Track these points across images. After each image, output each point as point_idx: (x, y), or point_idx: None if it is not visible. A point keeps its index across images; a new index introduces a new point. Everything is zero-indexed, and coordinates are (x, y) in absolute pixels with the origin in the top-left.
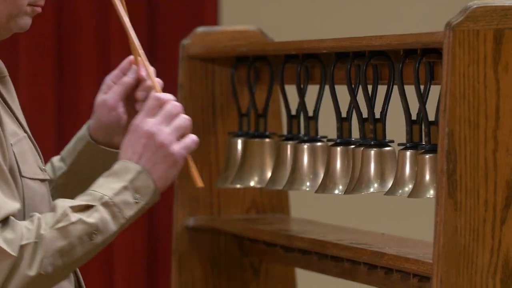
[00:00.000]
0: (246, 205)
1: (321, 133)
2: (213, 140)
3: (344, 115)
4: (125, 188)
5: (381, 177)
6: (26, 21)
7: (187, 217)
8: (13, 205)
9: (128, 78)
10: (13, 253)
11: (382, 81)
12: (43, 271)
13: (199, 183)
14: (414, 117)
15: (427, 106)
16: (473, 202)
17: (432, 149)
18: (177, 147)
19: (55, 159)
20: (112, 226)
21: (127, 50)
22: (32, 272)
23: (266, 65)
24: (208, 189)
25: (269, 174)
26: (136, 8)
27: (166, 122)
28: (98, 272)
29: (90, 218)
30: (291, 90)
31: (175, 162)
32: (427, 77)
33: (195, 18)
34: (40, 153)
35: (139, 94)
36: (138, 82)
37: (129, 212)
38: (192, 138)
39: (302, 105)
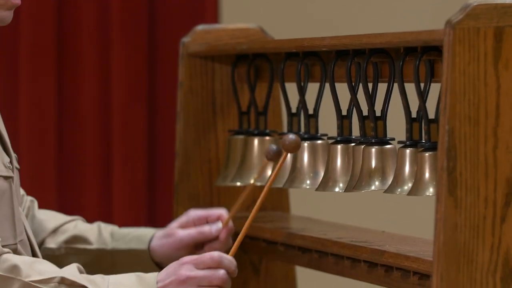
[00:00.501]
0: (246, 202)
1: (321, 131)
2: (213, 138)
3: (344, 113)
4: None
5: (382, 174)
6: (4, 14)
7: None
8: None
9: (210, 232)
10: None
11: (382, 79)
12: None
13: None
14: (414, 115)
15: (427, 104)
16: (473, 199)
17: (432, 147)
18: None
19: (105, 230)
20: None
21: (128, 49)
22: None
23: (266, 63)
24: (208, 187)
25: (269, 172)
26: (137, 6)
27: (201, 283)
28: None
29: None
30: (292, 88)
31: None
32: (427, 74)
33: (195, 16)
34: (11, 150)
35: (208, 248)
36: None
37: None
38: None
39: (302, 103)
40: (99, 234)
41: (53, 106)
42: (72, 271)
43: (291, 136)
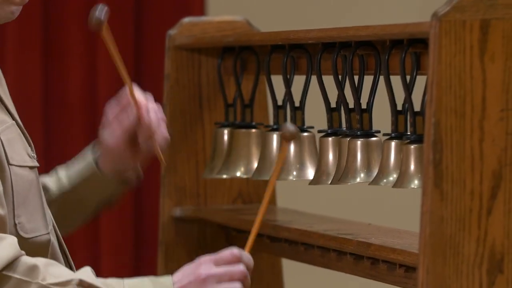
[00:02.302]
0: (232, 195)
1: (307, 123)
2: (199, 130)
3: (333, 105)
4: None
5: (368, 167)
6: (11, 9)
7: (174, 207)
8: None
9: (128, 120)
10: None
11: (368, 71)
12: None
13: None
14: (400, 107)
15: (413, 96)
16: (459, 192)
17: (417, 140)
18: None
19: (61, 172)
20: None
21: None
22: None
23: (253, 56)
24: (195, 180)
25: (255, 165)
26: None
27: (221, 280)
28: (84, 262)
29: None
30: (278, 81)
31: None
32: (413, 67)
33: (182, 8)
34: (30, 140)
35: (141, 139)
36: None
37: None
38: None
39: (288, 96)
40: (56, 179)
41: (39, 99)
42: (88, 274)
43: (289, 126)
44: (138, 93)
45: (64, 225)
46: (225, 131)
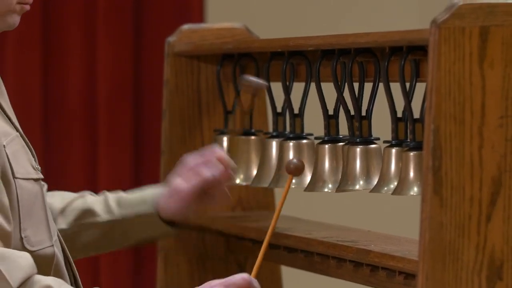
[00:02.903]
0: (232, 202)
1: (306, 130)
2: (198, 137)
3: (331, 112)
4: None
5: (367, 174)
6: (14, 19)
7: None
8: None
9: (214, 177)
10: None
11: (368, 78)
12: None
13: None
14: (400, 114)
15: (413, 103)
16: (459, 198)
17: (417, 147)
18: None
19: (111, 199)
20: None
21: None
22: None
23: (252, 62)
24: None
25: (255, 172)
26: (123, 4)
27: None
28: (84, 268)
29: None
30: (277, 88)
31: None
32: (413, 74)
33: (181, 15)
34: (33, 150)
35: (214, 195)
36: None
37: None
38: None
39: (287, 103)
40: (106, 204)
41: (39, 106)
42: None
43: (295, 161)
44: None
45: (98, 249)
46: (225, 138)
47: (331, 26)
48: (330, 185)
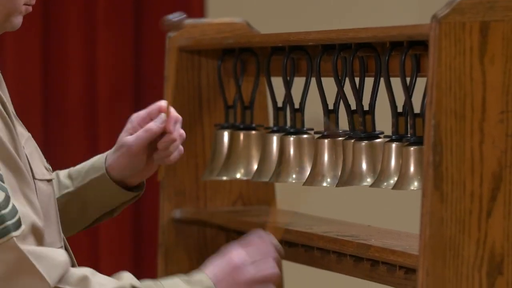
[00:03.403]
0: (232, 197)
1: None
2: (199, 132)
3: (331, 107)
4: None
5: (373, 169)
6: (19, 20)
7: (174, 209)
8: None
9: (156, 127)
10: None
11: (368, 73)
12: None
13: None
14: (400, 109)
15: (413, 98)
16: (459, 194)
17: (417, 141)
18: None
19: (62, 175)
20: None
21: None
22: None
23: (253, 57)
24: (195, 182)
25: (255, 166)
26: (123, 0)
27: (258, 267)
28: (84, 264)
29: None
30: (278, 82)
31: None
32: (413, 69)
33: (182, 10)
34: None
35: (162, 145)
36: (163, 132)
37: None
38: None
39: (288, 97)
40: (58, 181)
41: (39, 101)
42: (134, 279)
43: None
44: (171, 108)
45: (63, 230)
46: (225, 133)
47: (332, 21)
48: (329, 180)
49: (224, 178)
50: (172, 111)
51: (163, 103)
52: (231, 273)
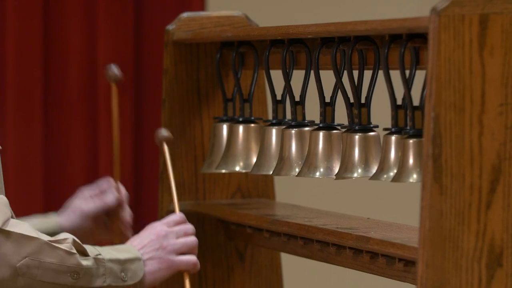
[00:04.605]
0: (231, 190)
1: (308, 118)
2: (198, 125)
3: (328, 100)
4: (118, 261)
5: (365, 161)
6: None
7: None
8: None
9: (110, 199)
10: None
11: (367, 66)
12: (21, 266)
13: None
14: (399, 102)
15: (412, 91)
16: (459, 186)
17: (416, 134)
18: (177, 258)
19: None
20: (93, 282)
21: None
22: (13, 260)
23: (251, 50)
24: (194, 174)
25: (254, 159)
26: None
27: (178, 236)
28: None
29: (83, 260)
30: (277, 76)
31: (169, 267)
32: (413, 62)
33: (182, 3)
34: None
35: (126, 217)
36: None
37: (110, 281)
38: (193, 259)
39: (288, 90)
40: None
41: (40, 95)
42: (74, 237)
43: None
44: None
45: None
46: (224, 126)
47: (331, 14)
48: (322, 170)
49: (223, 171)
50: (121, 186)
51: (111, 179)
52: (155, 240)
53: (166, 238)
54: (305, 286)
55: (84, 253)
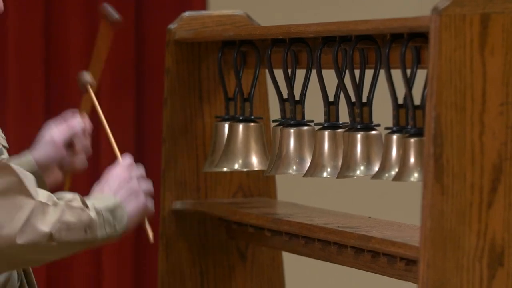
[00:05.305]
0: (233, 189)
1: (307, 117)
2: (199, 124)
3: (331, 99)
4: (108, 209)
5: (367, 160)
6: None
7: (174, 201)
8: None
9: (77, 123)
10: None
11: (368, 65)
12: (54, 231)
13: (151, 239)
14: (400, 101)
15: (413, 90)
16: (460, 185)
17: (417, 133)
18: (145, 198)
19: None
20: (98, 234)
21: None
22: (46, 228)
23: (253, 50)
24: (195, 173)
25: (254, 158)
26: None
27: (138, 178)
28: (86, 256)
29: (91, 213)
30: (278, 75)
31: (144, 207)
32: (414, 61)
33: (183, 2)
34: None
35: (88, 143)
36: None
37: (108, 231)
38: (151, 202)
39: (289, 90)
40: None
41: (41, 95)
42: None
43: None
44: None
45: None
46: (226, 125)
47: (332, 13)
48: (329, 170)
49: (224, 169)
50: (86, 117)
51: (76, 110)
52: (124, 183)
53: (132, 180)
54: (307, 285)
55: (86, 206)
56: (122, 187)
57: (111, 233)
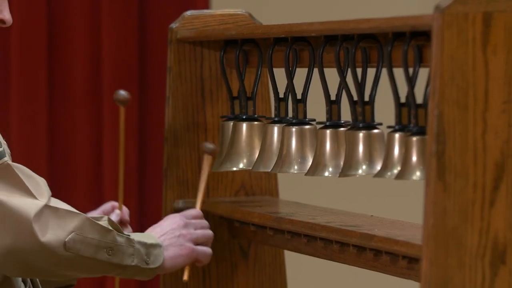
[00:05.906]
0: (235, 187)
1: (309, 116)
2: (202, 123)
3: (333, 98)
4: (144, 244)
5: (370, 159)
6: None
7: (176, 199)
8: None
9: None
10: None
11: (371, 64)
12: (69, 240)
13: (184, 277)
14: (403, 99)
15: (416, 89)
16: (462, 183)
17: (420, 131)
18: (196, 246)
19: None
20: (124, 260)
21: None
22: (62, 236)
23: (255, 48)
24: (197, 172)
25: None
26: None
27: (196, 228)
28: None
29: (119, 237)
30: (280, 73)
31: (187, 254)
32: (416, 59)
33: (185, 1)
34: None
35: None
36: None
37: (137, 262)
38: (210, 250)
39: (290, 88)
40: None
41: (44, 92)
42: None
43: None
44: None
45: None
46: (229, 124)
47: (334, 12)
48: (330, 169)
49: (234, 168)
50: (124, 208)
51: (114, 203)
52: (175, 229)
53: (185, 228)
54: (309, 283)
55: (118, 231)
56: (173, 231)
57: (141, 265)
